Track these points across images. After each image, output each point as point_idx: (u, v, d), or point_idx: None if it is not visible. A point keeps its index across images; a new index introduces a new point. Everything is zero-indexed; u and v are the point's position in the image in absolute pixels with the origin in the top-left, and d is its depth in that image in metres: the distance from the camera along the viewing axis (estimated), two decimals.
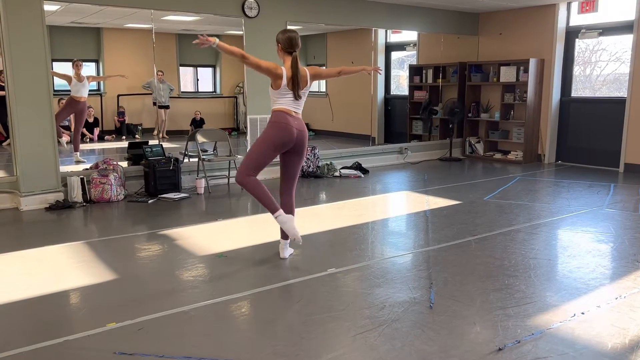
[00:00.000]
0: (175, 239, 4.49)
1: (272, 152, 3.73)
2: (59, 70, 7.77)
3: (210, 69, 10.93)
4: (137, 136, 9.85)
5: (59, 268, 3.81)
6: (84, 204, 5.71)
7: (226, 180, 6.84)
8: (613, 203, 5.78)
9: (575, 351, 2.57)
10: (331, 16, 7.70)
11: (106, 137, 9.73)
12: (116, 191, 5.88)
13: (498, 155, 9.04)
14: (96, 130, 9.56)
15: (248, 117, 7.12)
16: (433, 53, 9.67)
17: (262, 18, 6.86)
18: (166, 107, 9.71)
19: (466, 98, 9.25)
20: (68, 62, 7.92)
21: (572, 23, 8.38)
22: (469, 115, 9.26)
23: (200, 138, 6.60)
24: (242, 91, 8.26)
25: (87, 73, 8.36)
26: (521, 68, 8.50)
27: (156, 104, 9.33)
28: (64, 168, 6.19)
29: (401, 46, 10.32)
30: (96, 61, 9.89)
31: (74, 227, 5.07)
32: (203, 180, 6.42)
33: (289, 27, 6.58)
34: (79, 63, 7.79)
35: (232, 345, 2.68)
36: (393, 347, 2.61)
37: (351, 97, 10.40)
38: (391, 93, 10.57)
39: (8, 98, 5.45)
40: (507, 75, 8.67)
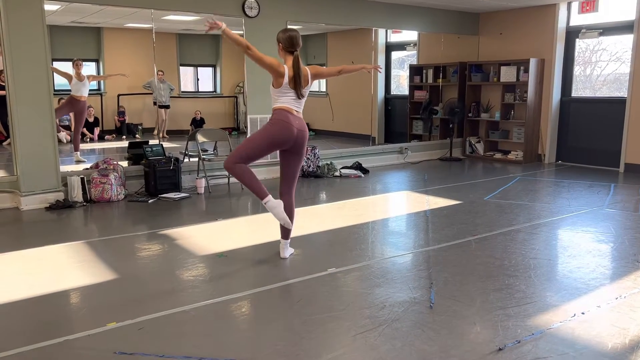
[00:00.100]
0: (175, 239, 4.49)
1: (268, 148, 3.69)
2: (60, 69, 7.76)
3: (210, 69, 10.92)
4: (138, 136, 9.85)
5: (59, 268, 3.81)
6: (84, 204, 5.71)
7: (226, 180, 6.84)
8: (613, 203, 5.78)
9: (575, 351, 2.57)
10: (331, 16, 7.70)
11: (106, 137, 9.73)
12: (116, 191, 5.88)
13: (498, 155, 9.04)
14: (96, 129, 9.57)
15: (248, 117, 7.12)
16: (433, 53, 9.67)
17: (263, 18, 6.86)
18: (166, 107, 9.72)
19: (466, 98, 9.25)
20: (68, 62, 7.92)
21: (573, 23, 8.38)
22: (469, 115, 9.26)
23: (200, 138, 6.60)
24: (243, 91, 8.26)
25: (88, 72, 8.36)
26: (521, 68, 8.50)
27: (156, 104, 9.34)
28: (64, 168, 6.19)
29: (401, 46, 10.32)
30: (96, 61, 9.89)
31: (74, 227, 5.07)
32: (203, 180, 6.42)
33: (290, 27, 6.57)
34: (79, 62, 7.79)
35: (232, 345, 2.68)
36: (393, 347, 2.61)
37: (351, 97, 10.40)
38: (391, 93, 10.57)
39: (8, 97, 5.45)
40: (508, 75, 8.67)
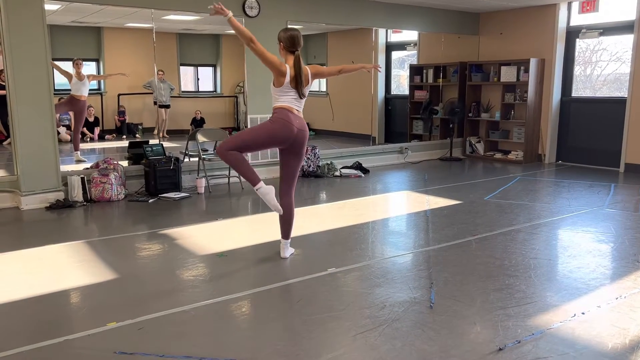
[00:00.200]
0: (175, 239, 4.49)
1: (266, 143, 3.69)
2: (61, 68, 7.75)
3: (210, 69, 10.92)
4: (138, 135, 9.85)
5: (60, 267, 3.81)
6: (85, 204, 5.71)
7: (226, 179, 6.84)
8: (613, 203, 5.78)
9: (575, 351, 2.57)
10: (332, 16, 7.70)
11: (107, 137, 9.73)
12: (116, 190, 5.88)
13: (498, 155, 9.04)
14: (97, 129, 9.57)
15: (248, 117, 7.12)
16: (433, 53, 9.67)
17: (263, 18, 6.86)
18: (167, 107, 9.72)
19: (467, 98, 9.25)
20: (68, 62, 7.92)
21: (573, 23, 8.38)
22: (470, 115, 9.26)
23: (200, 137, 6.60)
24: (243, 91, 8.26)
25: (88, 72, 8.36)
26: (522, 68, 8.50)
27: (157, 104, 9.34)
28: (65, 167, 6.19)
29: (402, 46, 10.32)
30: (97, 60, 9.89)
31: (75, 227, 5.07)
32: (203, 179, 6.42)
33: (291, 26, 6.57)
34: (79, 62, 7.78)
35: (233, 344, 2.68)
36: (393, 347, 2.61)
37: (352, 97, 10.39)
38: (392, 93, 10.56)
39: (9, 97, 5.45)
40: (508, 75, 8.67)
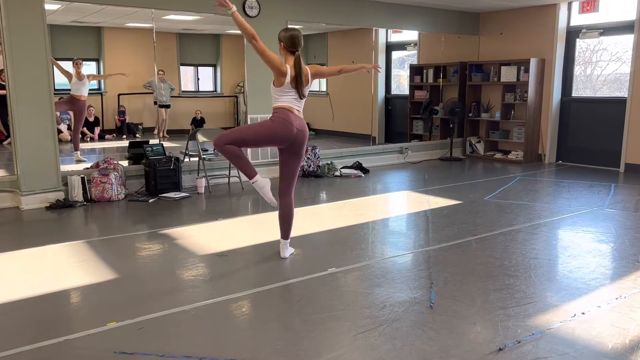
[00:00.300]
0: (175, 239, 4.49)
1: (264, 141, 3.73)
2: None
3: (210, 68, 10.92)
4: (138, 135, 9.85)
5: (60, 267, 3.81)
6: (85, 203, 5.71)
7: (227, 179, 6.84)
8: (613, 203, 5.77)
9: (575, 351, 2.57)
10: (332, 15, 7.69)
11: (107, 137, 9.73)
12: (117, 190, 5.88)
13: (498, 155, 9.04)
14: (97, 129, 9.56)
15: (249, 117, 7.12)
16: (434, 53, 9.67)
17: (263, 17, 6.85)
18: (167, 107, 9.72)
19: (467, 98, 9.25)
20: (68, 61, 7.92)
21: (573, 23, 8.38)
22: (470, 115, 9.26)
23: (200, 137, 6.59)
24: (243, 90, 8.25)
25: (88, 72, 8.36)
26: (522, 68, 8.50)
27: (157, 103, 9.33)
28: (65, 167, 6.19)
29: (402, 46, 10.32)
30: (97, 60, 9.89)
31: (75, 226, 5.07)
32: (203, 179, 6.42)
33: (291, 26, 6.58)
34: (79, 62, 7.78)
35: (233, 344, 2.68)
36: (393, 347, 2.61)
37: (352, 97, 10.39)
38: (392, 93, 10.56)
39: (9, 97, 5.45)
40: (508, 75, 8.67)
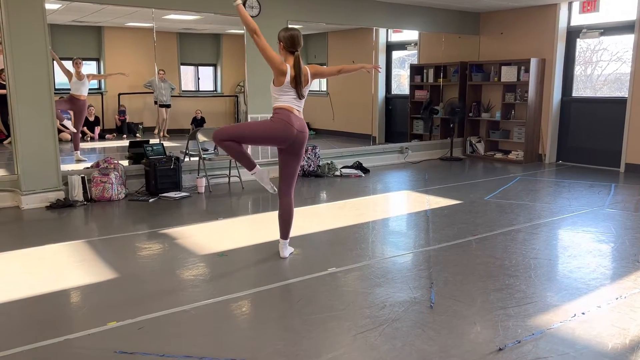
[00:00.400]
0: (175, 238, 4.49)
1: (264, 141, 3.80)
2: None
3: (211, 68, 10.92)
4: (138, 135, 9.85)
5: (60, 267, 3.81)
6: (85, 203, 5.71)
7: (227, 179, 6.84)
8: (614, 203, 5.77)
9: (575, 351, 2.57)
10: (332, 15, 7.69)
11: (107, 136, 9.72)
12: (117, 190, 5.88)
13: (499, 155, 9.04)
14: (97, 129, 9.56)
15: (249, 116, 7.12)
16: (434, 52, 9.67)
17: (263, 17, 6.85)
18: (167, 106, 9.71)
19: (467, 97, 9.25)
20: (68, 61, 7.91)
21: (574, 23, 8.37)
22: (470, 114, 9.26)
23: (201, 137, 6.59)
24: (243, 90, 8.25)
25: (88, 71, 8.36)
26: (522, 68, 8.50)
27: (157, 103, 9.34)
28: (65, 167, 6.19)
29: (402, 45, 10.31)
30: (97, 60, 9.88)
31: (75, 226, 5.07)
32: (204, 179, 6.42)
33: (291, 26, 6.58)
34: (79, 61, 7.78)
35: (233, 344, 2.68)
36: (393, 347, 2.61)
37: (352, 97, 10.39)
38: (392, 92, 10.56)
39: (9, 96, 5.45)
40: (508, 74, 8.67)
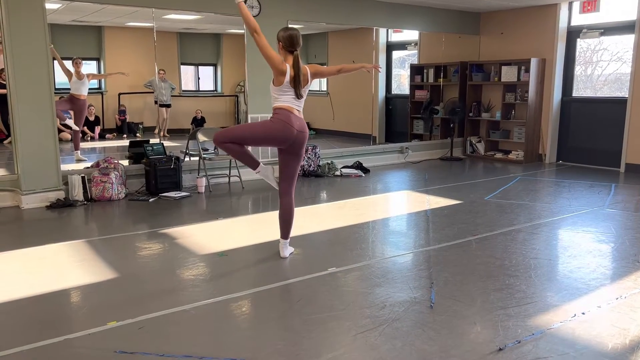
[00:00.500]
0: (175, 238, 4.49)
1: (264, 141, 3.79)
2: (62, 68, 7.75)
3: (211, 68, 10.91)
4: (138, 135, 9.85)
5: (60, 266, 3.81)
6: (85, 203, 5.71)
7: (227, 179, 6.84)
8: (614, 203, 5.77)
9: (575, 351, 2.57)
10: (332, 15, 7.69)
11: (107, 136, 9.72)
12: (117, 190, 5.88)
13: (499, 154, 9.04)
14: (97, 128, 9.56)
15: (249, 116, 7.12)
16: (434, 52, 9.66)
17: (264, 17, 6.84)
18: (167, 106, 9.71)
19: (467, 97, 9.25)
20: (68, 61, 7.91)
21: (574, 23, 8.37)
22: (470, 114, 9.26)
23: (201, 137, 6.59)
24: (243, 90, 8.25)
25: (88, 71, 8.35)
26: (522, 68, 8.50)
27: (157, 103, 9.34)
28: (65, 166, 6.19)
29: (402, 45, 10.31)
30: (97, 60, 9.88)
31: (75, 226, 5.07)
32: (204, 179, 6.42)
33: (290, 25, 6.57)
34: (79, 61, 7.78)
35: (233, 344, 2.68)
36: (393, 347, 2.61)
37: (352, 97, 10.39)
38: (392, 92, 10.56)
39: (9, 96, 5.45)
40: (508, 74, 8.67)
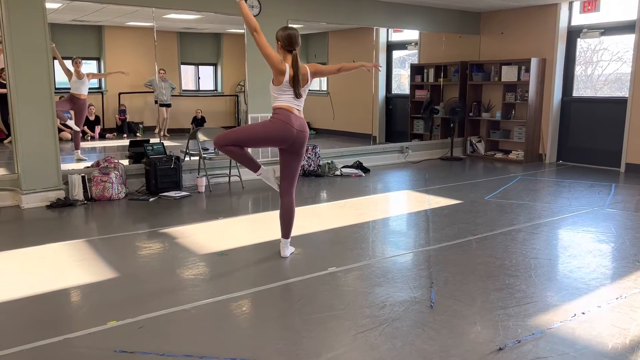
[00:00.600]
0: (176, 238, 4.49)
1: (264, 143, 3.81)
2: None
3: (211, 67, 10.92)
4: (139, 134, 9.86)
5: (60, 266, 3.81)
6: (85, 202, 5.71)
7: (227, 178, 6.84)
8: (614, 203, 5.77)
9: (575, 351, 2.57)
10: (332, 15, 7.69)
11: (107, 135, 9.73)
12: (117, 189, 5.88)
13: (499, 154, 9.03)
14: (97, 128, 9.57)
15: (249, 116, 7.12)
16: (434, 52, 9.66)
17: (264, 16, 6.84)
18: (168, 106, 9.72)
19: (467, 97, 9.25)
20: (68, 60, 7.92)
21: (574, 23, 8.37)
22: (470, 114, 9.26)
23: (201, 136, 6.60)
24: (243, 90, 8.25)
25: (88, 70, 8.36)
26: (522, 67, 8.49)
27: (157, 102, 9.34)
28: (65, 166, 6.19)
29: (403, 45, 10.31)
30: (98, 59, 9.88)
31: (75, 225, 5.08)
32: (204, 178, 6.42)
33: (289, 25, 6.57)
34: (78, 60, 7.78)
35: (233, 343, 2.68)
36: (393, 347, 2.61)
37: (352, 96, 10.39)
38: (392, 92, 10.56)
39: (10, 96, 5.45)
40: (509, 74, 8.66)
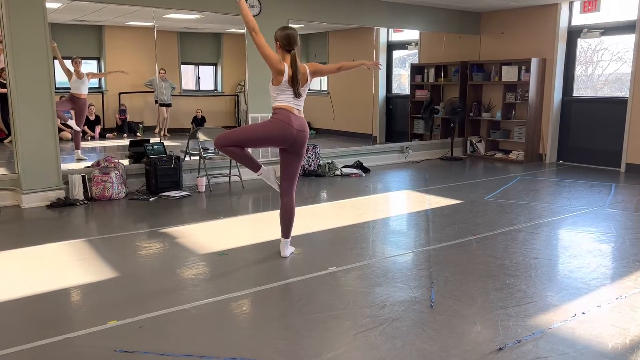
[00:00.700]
0: (176, 237, 4.49)
1: (264, 143, 3.82)
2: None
3: (211, 67, 10.93)
4: (139, 134, 9.86)
5: (60, 266, 3.81)
6: (85, 202, 5.71)
7: (227, 178, 6.84)
8: (614, 203, 5.77)
9: (575, 351, 2.57)
10: (333, 15, 7.69)
11: (107, 135, 9.74)
12: (117, 189, 5.88)
13: (499, 154, 9.03)
14: (97, 128, 9.57)
15: (249, 116, 7.12)
16: (435, 52, 9.66)
17: (264, 16, 6.84)
18: (168, 105, 9.73)
19: (467, 97, 9.25)
20: (68, 60, 7.92)
21: (574, 23, 8.37)
22: (471, 114, 9.26)
23: (201, 136, 6.60)
24: (244, 89, 8.26)
25: (88, 70, 8.36)
26: (523, 67, 8.49)
27: (158, 102, 9.34)
28: (65, 166, 6.19)
29: (403, 45, 10.31)
30: (98, 59, 9.89)
31: (75, 225, 5.08)
32: (204, 178, 6.42)
33: (288, 25, 6.57)
34: (78, 60, 7.78)
35: (233, 343, 2.68)
36: (394, 346, 2.61)
37: (352, 96, 10.39)
38: (392, 92, 10.56)
39: (10, 95, 5.45)
40: (509, 74, 8.66)
